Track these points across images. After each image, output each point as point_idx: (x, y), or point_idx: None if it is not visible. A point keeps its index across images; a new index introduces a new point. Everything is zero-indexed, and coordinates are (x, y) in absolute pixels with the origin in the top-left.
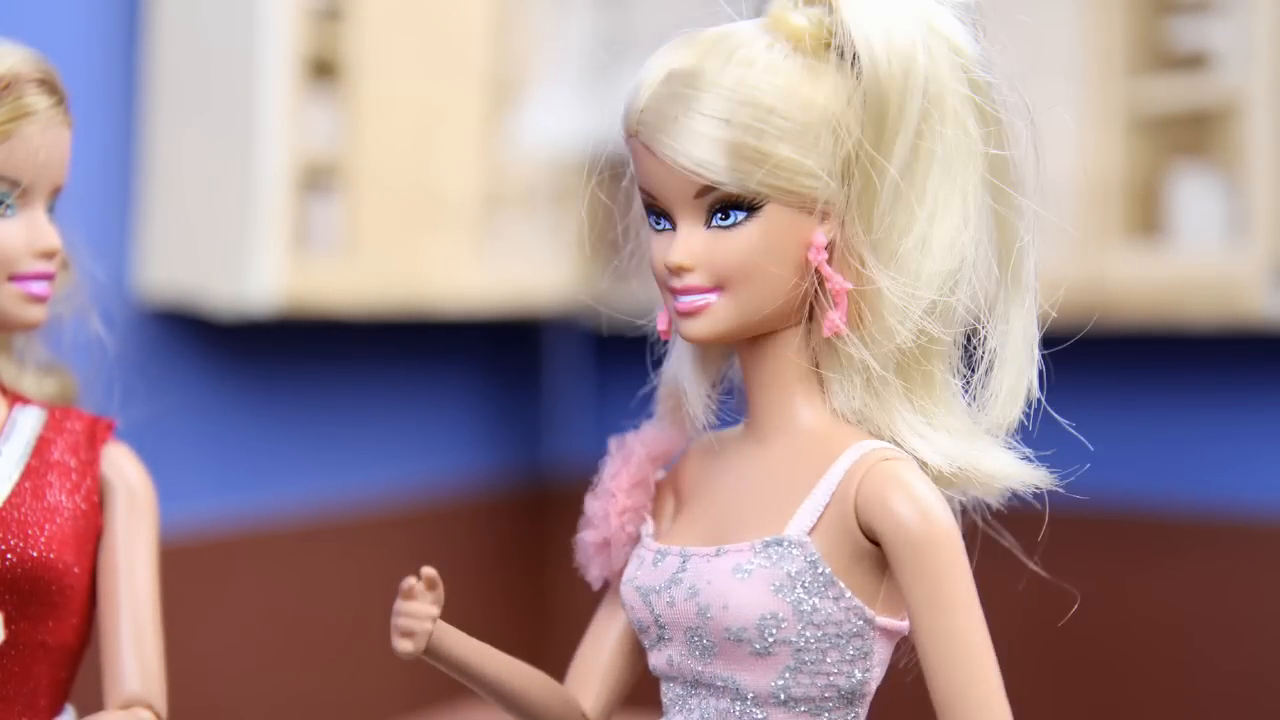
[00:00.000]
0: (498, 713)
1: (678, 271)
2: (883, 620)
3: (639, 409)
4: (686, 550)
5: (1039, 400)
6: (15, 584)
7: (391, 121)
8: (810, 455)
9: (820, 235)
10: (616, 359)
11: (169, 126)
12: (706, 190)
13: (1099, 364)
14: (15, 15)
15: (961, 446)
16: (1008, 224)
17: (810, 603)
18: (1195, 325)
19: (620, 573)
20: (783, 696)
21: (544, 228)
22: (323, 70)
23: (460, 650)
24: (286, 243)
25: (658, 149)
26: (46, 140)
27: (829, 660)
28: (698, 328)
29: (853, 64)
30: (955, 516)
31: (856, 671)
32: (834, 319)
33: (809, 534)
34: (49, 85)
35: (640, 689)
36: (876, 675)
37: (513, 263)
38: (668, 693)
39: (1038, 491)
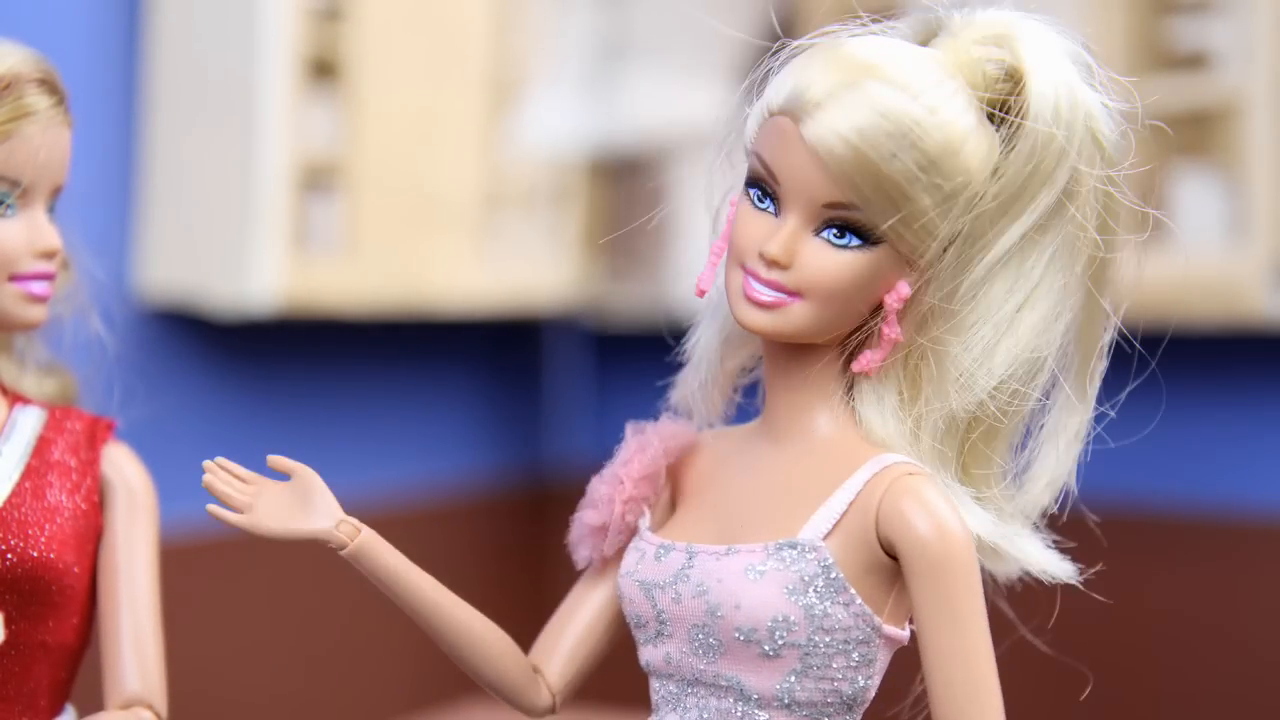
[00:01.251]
0: (498, 713)
1: (771, 263)
2: (889, 629)
3: (638, 409)
4: (693, 547)
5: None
6: (15, 584)
7: (391, 121)
8: (829, 461)
9: (905, 286)
10: (616, 359)
11: (169, 126)
12: (837, 205)
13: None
14: (15, 15)
15: (996, 523)
16: (1095, 324)
17: (821, 607)
18: (1195, 325)
19: (610, 561)
20: (786, 700)
21: (544, 228)
22: (323, 70)
23: (387, 563)
24: (286, 243)
25: (816, 145)
26: (47, 140)
27: (835, 665)
28: (764, 321)
29: (1008, 129)
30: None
31: (860, 678)
32: (870, 358)
33: (824, 539)
34: (49, 85)
35: (630, 686)
36: (875, 683)
37: (513, 263)
38: (660, 690)
39: (1054, 583)
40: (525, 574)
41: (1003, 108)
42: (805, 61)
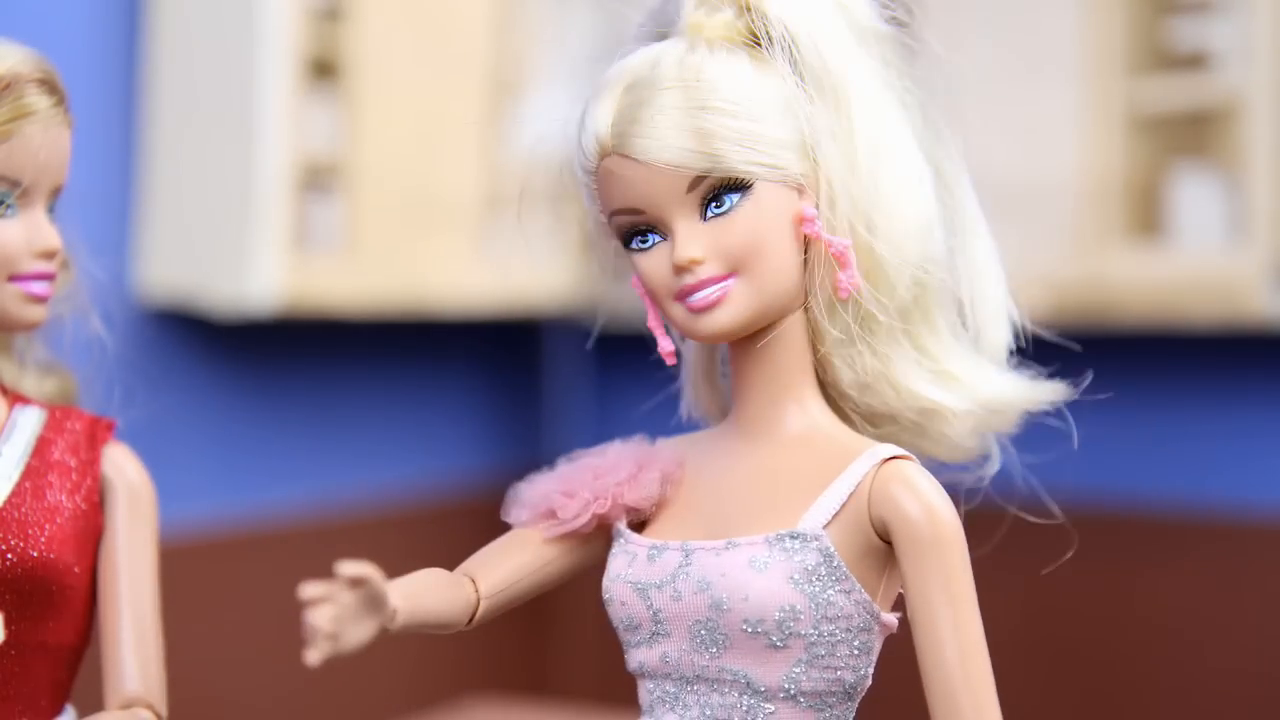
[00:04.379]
0: (498, 713)
1: (689, 267)
2: (885, 616)
3: (638, 409)
4: (689, 544)
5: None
6: (15, 584)
7: (391, 121)
8: (818, 453)
9: (808, 208)
10: (616, 359)
11: (169, 126)
12: (697, 181)
13: (1099, 364)
14: (15, 15)
15: (974, 382)
16: (941, 163)
17: (825, 596)
18: (1195, 325)
19: (563, 539)
20: (792, 690)
21: (544, 228)
22: (323, 70)
23: (422, 616)
24: (286, 243)
25: (640, 152)
26: (47, 140)
27: (839, 654)
28: (719, 319)
29: (781, 50)
30: (959, 510)
31: (861, 666)
32: (848, 277)
33: (824, 528)
34: (49, 85)
35: (621, 690)
36: (871, 671)
37: (513, 263)
38: (655, 690)
39: (1054, 408)
40: None
41: (760, 38)
42: (584, 115)
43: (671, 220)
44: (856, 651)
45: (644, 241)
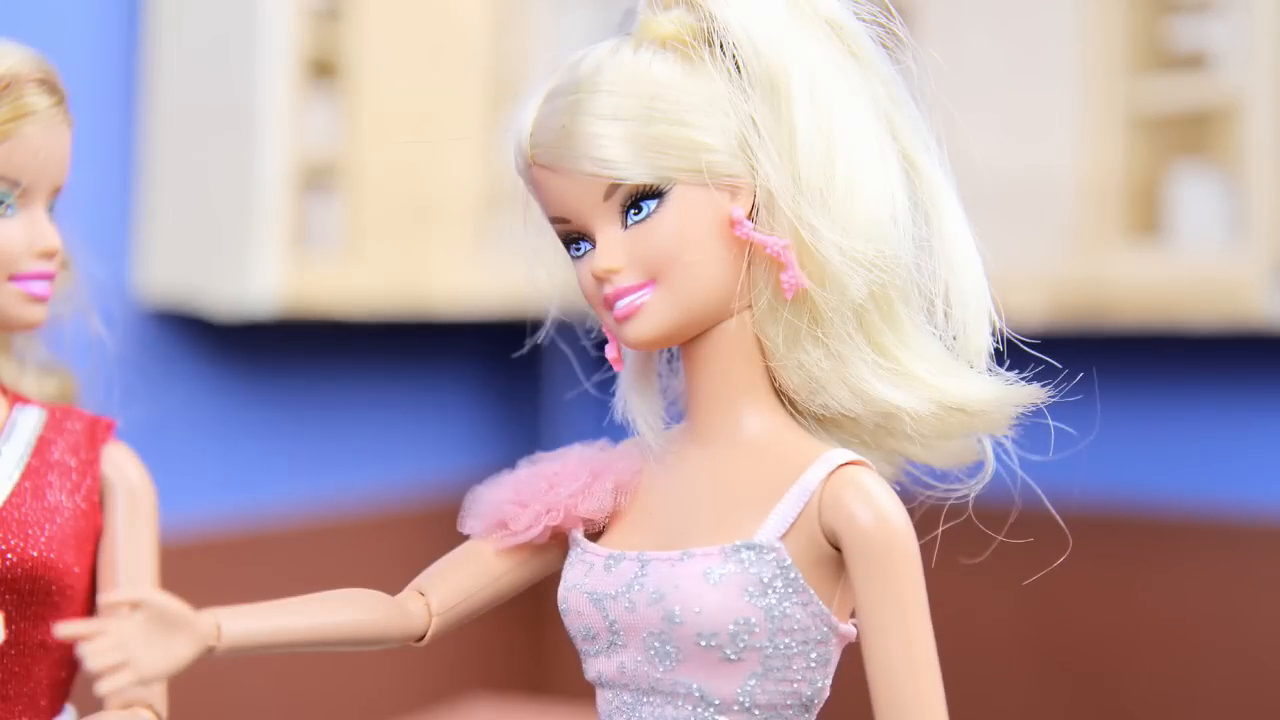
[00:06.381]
0: (498, 713)
1: (606, 276)
2: (843, 626)
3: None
4: (645, 554)
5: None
6: (16, 584)
7: (391, 121)
8: (772, 460)
9: (737, 209)
10: None
11: (169, 126)
12: (613, 189)
13: (1099, 364)
14: (15, 15)
15: (940, 384)
16: (914, 160)
17: (781, 609)
18: (1195, 325)
19: (519, 549)
20: (747, 703)
21: (543, 228)
22: (323, 70)
23: (256, 638)
24: (286, 243)
25: (555, 161)
26: (47, 140)
27: (794, 667)
28: (639, 328)
29: (724, 50)
30: (939, 518)
31: (818, 678)
32: (789, 277)
33: (780, 539)
34: (49, 85)
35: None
36: (829, 683)
37: (513, 263)
38: (613, 700)
39: (1036, 410)
40: None
41: (707, 36)
42: (511, 121)
43: (594, 228)
44: (813, 664)
45: (578, 249)
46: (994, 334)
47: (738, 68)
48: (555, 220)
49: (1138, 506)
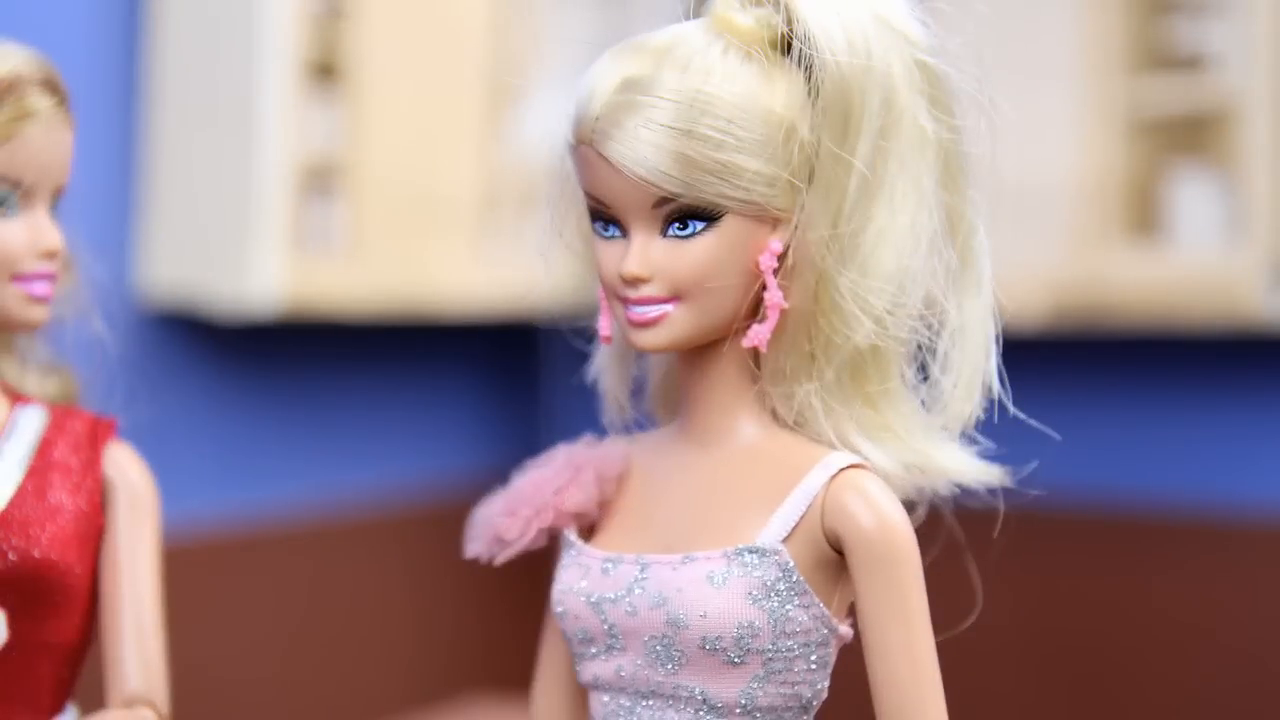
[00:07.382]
0: (498, 712)
1: (633, 282)
2: (842, 628)
3: (637, 408)
4: (644, 557)
5: (1000, 398)
6: (18, 584)
7: (392, 122)
8: (774, 465)
9: (776, 243)
10: None
11: (171, 127)
12: (664, 201)
13: (1099, 364)
14: (15, 15)
15: (913, 446)
16: (960, 216)
17: (783, 611)
18: (1195, 325)
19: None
20: (748, 705)
21: (544, 228)
22: (324, 71)
23: None
24: (287, 244)
25: (615, 158)
26: (48, 141)
27: (796, 669)
28: (654, 338)
29: (800, 61)
30: (937, 517)
31: (818, 680)
32: (758, 332)
33: (783, 542)
34: (51, 86)
35: None
36: (827, 684)
37: (513, 263)
38: (609, 704)
39: (993, 489)
40: (524, 574)
41: (787, 42)
42: (580, 86)
43: (631, 226)
44: (814, 666)
45: (606, 229)
46: (985, 404)
47: (808, 79)
48: (591, 198)
49: (1136, 506)
